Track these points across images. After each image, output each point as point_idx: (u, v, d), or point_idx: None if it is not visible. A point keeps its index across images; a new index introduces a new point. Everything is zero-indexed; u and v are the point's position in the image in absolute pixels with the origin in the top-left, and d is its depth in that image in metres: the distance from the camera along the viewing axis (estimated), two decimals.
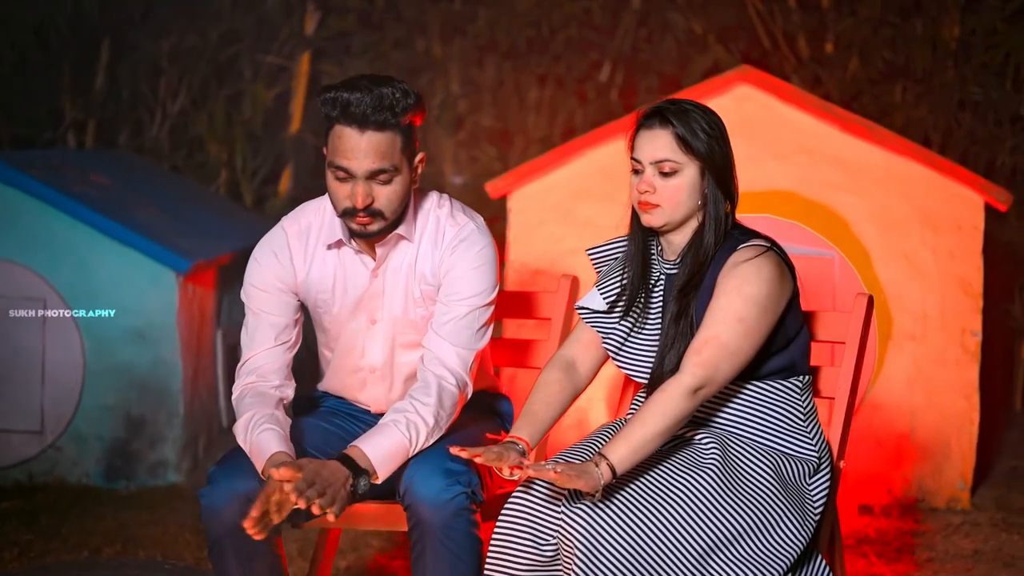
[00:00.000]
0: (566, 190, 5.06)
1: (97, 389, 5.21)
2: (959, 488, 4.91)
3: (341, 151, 2.93)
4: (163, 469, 5.23)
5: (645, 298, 3.02)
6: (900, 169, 4.87)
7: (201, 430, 5.39)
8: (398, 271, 3.11)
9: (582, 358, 3.11)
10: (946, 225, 4.86)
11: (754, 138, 4.91)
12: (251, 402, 3.05)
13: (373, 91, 2.91)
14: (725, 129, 2.97)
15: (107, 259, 5.16)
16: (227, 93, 6.57)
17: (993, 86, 6.40)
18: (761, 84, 4.93)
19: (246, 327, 3.15)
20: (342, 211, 2.98)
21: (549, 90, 6.59)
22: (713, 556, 2.74)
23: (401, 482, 2.96)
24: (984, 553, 4.47)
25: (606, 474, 2.74)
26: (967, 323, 4.87)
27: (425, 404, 3.00)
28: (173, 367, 5.21)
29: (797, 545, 2.81)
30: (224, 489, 2.96)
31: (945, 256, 4.88)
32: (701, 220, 2.96)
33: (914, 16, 6.55)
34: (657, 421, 2.78)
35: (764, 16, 6.67)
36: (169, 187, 6.18)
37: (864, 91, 6.45)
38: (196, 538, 4.56)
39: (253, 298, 3.13)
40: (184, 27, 6.57)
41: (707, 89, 4.94)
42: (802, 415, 2.95)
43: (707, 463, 2.82)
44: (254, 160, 6.49)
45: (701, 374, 2.81)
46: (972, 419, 4.90)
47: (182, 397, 5.22)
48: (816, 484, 2.91)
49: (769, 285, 2.85)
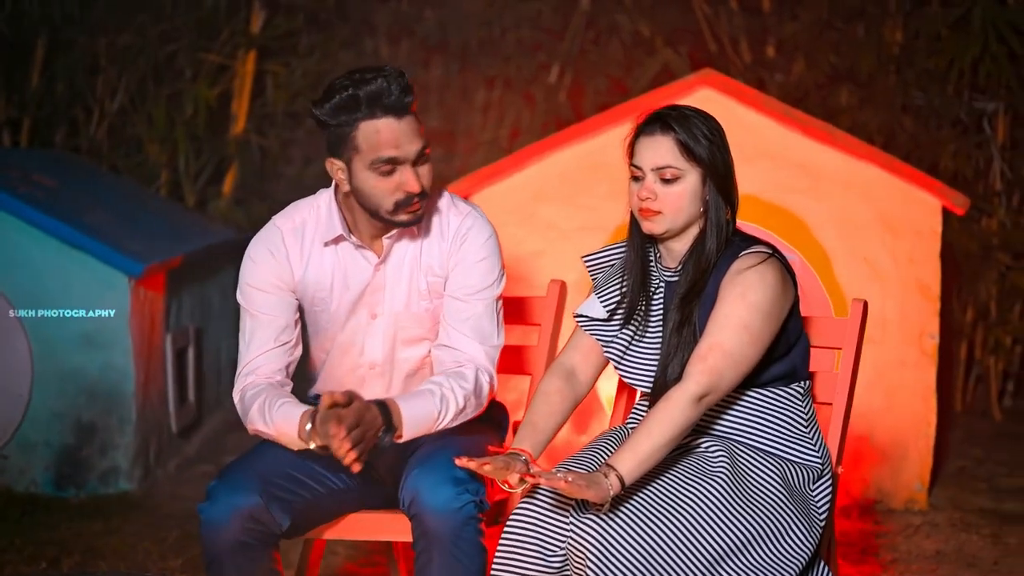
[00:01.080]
0: (527, 193, 5.04)
1: (46, 395, 5.08)
2: (916, 489, 4.97)
3: (384, 143, 2.90)
4: (114, 476, 5.12)
5: (645, 306, 3.00)
6: (860, 173, 4.91)
7: (152, 436, 5.28)
8: (401, 263, 3.07)
9: (582, 366, 3.08)
10: (905, 229, 4.91)
11: None
12: (256, 392, 2.99)
13: (387, 77, 2.89)
14: (725, 135, 2.95)
15: (56, 262, 5.03)
16: (168, 92, 6.45)
17: (935, 91, 6.48)
18: (723, 88, 4.94)
19: (243, 330, 3.07)
20: (393, 205, 2.95)
21: (497, 92, 6.56)
22: (723, 564, 2.73)
23: (404, 491, 2.91)
24: (946, 554, 4.52)
25: (615, 485, 2.72)
26: (925, 326, 4.92)
27: (461, 387, 3.00)
28: (125, 372, 5.09)
29: (805, 552, 2.81)
30: (225, 505, 2.89)
31: (904, 260, 4.92)
32: (702, 227, 2.94)
33: (857, 20, 6.62)
34: (664, 431, 2.77)
35: (711, 19, 6.69)
36: (112, 188, 6.05)
37: (810, 94, 6.49)
38: (157, 547, 4.47)
39: (250, 298, 3.05)
40: (123, 24, 6.43)
41: (669, 93, 4.94)
42: (804, 421, 2.95)
43: (716, 471, 2.81)
44: (196, 161, 6.37)
45: (706, 382, 2.79)
46: (929, 421, 4.96)
47: (134, 402, 5.11)
48: (819, 490, 2.92)
49: (772, 292, 2.85)
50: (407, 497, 2.90)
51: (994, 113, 6.49)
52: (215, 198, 6.40)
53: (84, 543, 4.51)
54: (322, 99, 2.95)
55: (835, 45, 6.55)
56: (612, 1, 6.60)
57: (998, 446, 5.98)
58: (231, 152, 6.32)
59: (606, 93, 6.55)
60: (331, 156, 2.99)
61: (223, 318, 6.18)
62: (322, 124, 2.96)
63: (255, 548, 2.89)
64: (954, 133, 6.48)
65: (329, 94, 2.93)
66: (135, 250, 5.13)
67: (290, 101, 6.34)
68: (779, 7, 6.75)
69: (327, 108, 2.92)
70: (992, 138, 6.48)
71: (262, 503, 2.89)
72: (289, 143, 6.47)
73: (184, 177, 6.43)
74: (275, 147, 6.39)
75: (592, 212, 4.99)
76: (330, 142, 2.98)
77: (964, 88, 6.50)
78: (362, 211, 3.01)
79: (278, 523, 2.91)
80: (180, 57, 6.43)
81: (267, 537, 2.91)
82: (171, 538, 4.57)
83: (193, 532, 4.63)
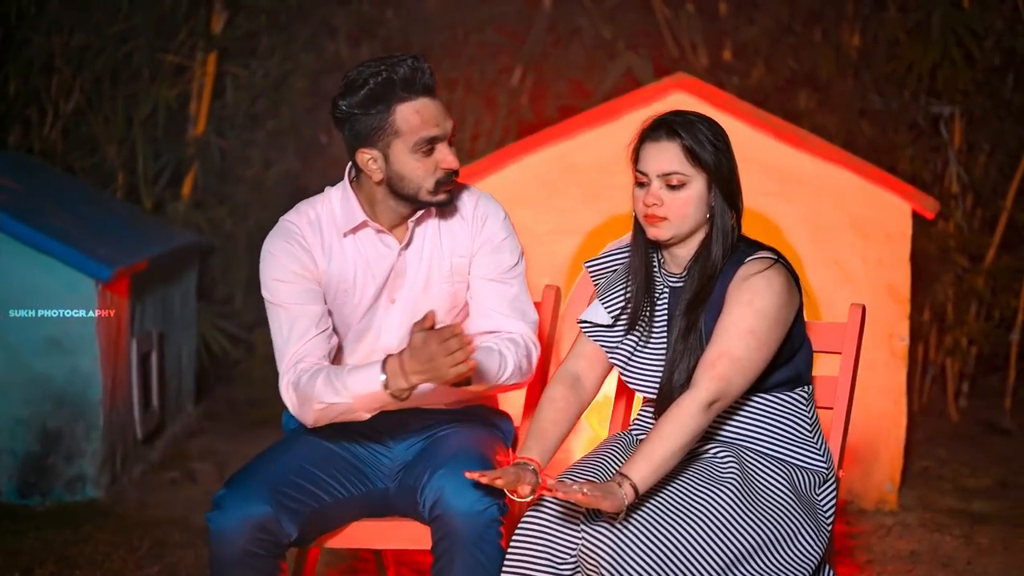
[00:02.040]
0: (501, 196, 4.91)
1: (10, 402, 4.99)
2: (887, 490, 5.02)
3: (423, 122, 2.92)
4: (81, 484, 5.04)
5: (649, 311, 3.00)
6: (831, 177, 4.95)
7: (119, 443, 5.21)
8: (422, 247, 3.08)
9: (587, 373, 3.07)
10: (875, 232, 4.95)
11: None
12: (313, 372, 2.94)
13: (414, 60, 2.93)
14: (729, 141, 2.96)
15: (22, 267, 4.94)
16: (125, 93, 6.36)
17: (892, 95, 6.55)
18: (696, 91, 4.95)
19: (278, 327, 3.00)
20: (434, 185, 2.97)
21: (459, 94, 6.53)
22: (735, 570, 2.74)
23: (427, 493, 2.89)
24: (921, 554, 4.57)
25: (629, 495, 2.71)
26: (895, 328, 4.97)
27: (515, 350, 3.04)
28: (92, 378, 5.02)
29: (814, 556, 2.83)
30: (234, 514, 2.84)
31: (874, 263, 4.97)
32: (707, 232, 2.94)
33: (815, 24, 6.67)
34: (676, 438, 2.77)
35: (671, 22, 6.71)
36: (71, 190, 5.95)
37: (769, 98, 6.54)
38: (132, 556, 4.41)
39: (279, 293, 3.00)
40: (78, 23, 6.33)
41: (641, 97, 4.95)
42: (808, 425, 2.97)
43: (726, 478, 2.81)
44: (155, 163, 6.29)
45: (715, 388, 2.80)
46: (900, 423, 5.02)
47: (102, 409, 5.03)
48: (824, 494, 2.93)
49: (779, 298, 2.86)
50: (430, 498, 2.88)
51: (950, 117, 6.57)
52: (174, 201, 6.32)
53: (55, 552, 4.44)
54: (348, 92, 2.94)
55: (794, 49, 6.60)
56: (574, 4, 6.60)
57: (958, 446, 6.05)
58: (191, 154, 6.24)
59: (568, 96, 6.55)
60: (362, 147, 2.97)
61: (185, 323, 6.12)
62: (347, 118, 2.95)
63: (263, 558, 2.86)
64: (911, 137, 6.55)
65: (357, 84, 2.92)
66: (103, 254, 5.05)
67: (251, 103, 6.27)
68: (737, 11, 6.79)
69: (359, 98, 2.92)
70: (948, 142, 6.56)
71: (272, 513, 2.85)
72: (249, 145, 6.41)
73: (142, 179, 6.34)
74: (236, 149, 6.32)
75: (565, 215, 4.99)
76: (360, 133, 2.96)
77: (921, 92, 6.57)
78: (388, 197, 3.01)
79: (287, 533, 2.88)
80: (137, 57, 6.34)
81: (275, 547, 2.87)
82: (145, 546, 4.50)
83: (167, 540, 4.58)
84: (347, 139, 3.01)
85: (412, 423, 3.13)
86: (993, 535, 4.76)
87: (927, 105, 6.52)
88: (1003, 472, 5.65)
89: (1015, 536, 4.76)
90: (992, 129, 6.59)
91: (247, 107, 6.26)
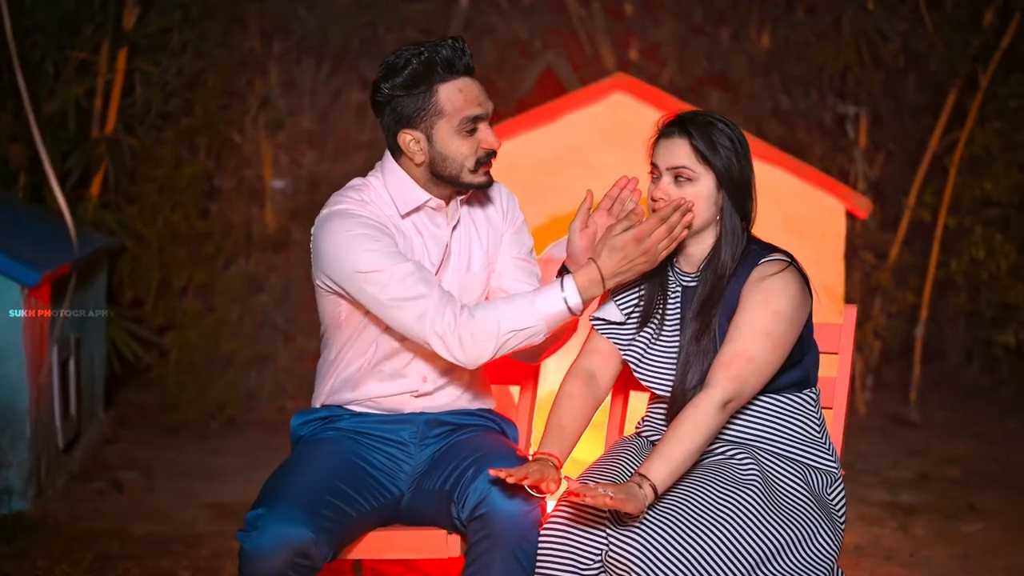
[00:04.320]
0: None
1: None
2: None
3: (467, 102, 2.92)
4: (7, 497, 4.85)
5: (662, 310, 3.00)
6: (767, 177, 4.99)
7: (43, 453, 5.02)
8: (469, 227, 3.09)
9: (601, 370, 3.07)
10: (811, 231, 5.04)
11: (628, 145, 4.93)
12: (487, 305, 2.91)
13: (454, 40, 2.91)
14: (748, 147, 2.98)
15: None
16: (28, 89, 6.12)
17: (799, 96, 6.68)
18: (636, 92, 4.98)
19: (402, 286, 2.86)
20: (475, 164, 2.97)
21: None
22: (759, 570, 2.75)
23: (470, 494, 2.85)
24: (864, 548, 4.66)
25: (649, 496, 2.72)
26: None
27: None
28: (19, 386, 4.84)
29: (832, 555, 2.86)
30: (273, 536, 2.73)
31: (810, 262, 4.95)
32: (717, 233, 2.96)
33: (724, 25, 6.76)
34: (694, 438, 2.78)
35: (585, 22, 6.73)
36: None
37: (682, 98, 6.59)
38: (74, 570, 4.27)
39: (380, 260, 2.87)
40: None
41: (583, 97, 4.97)
42: (817, 426, 3.00)
43: (748, 480, 2.82)
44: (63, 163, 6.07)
45: (732, 388, 2.82)
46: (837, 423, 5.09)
47: (28, 418, 4.85)
48: (835, 494, 2.96)
49: (794, 300, 2.89)
50: (472, 498, 2.84)
51: (856, 117, 6.72)
52: (82, 201, 6.11)
53: None
54: (390, 74, 2.90)
55: (705, 50, 6.67)
56: (489, 3, 6.57)
57: (873, 439, 6.20)
58: (100, 153, 6.04)
59: None
60: (405, 128, 2.93)
61: (96, 327, 5.93)
62: (388, 100, 2.91)
63: None
64: (819, 137, 6.68)
65: (399, 66, 2.89)
66: (28, 258, 4.87)
67: (164, 100, 6.10)
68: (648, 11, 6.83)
69: (402, 79, 2.88)
70: (854, 142, 6.71)
71: (312, 537, 2.76)
72: (159, 144, 6.23)
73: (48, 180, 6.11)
74: (146, 148, 6.14)
75: None
76: (402, 115, 2.92)
77: (828, 93, 6.71)
78: (428, 179, 2.98)
79: (323, 556, 2.80)
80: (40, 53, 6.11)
81: (310, 571, 2.78)
82: (87, 560, 4.36)
83: (108, 552, 4.45)
84: (387, 122, 2.96)
85: (431, 428, 3.09)
86: (928, 527, 4.88)
87: (834, 106, 6.66)
88: (920, 464, 5.81)
89: (949, 527, 4.90)
90: (895, 129, 6.77)
91: (160, 105, 6.08)
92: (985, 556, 4.58)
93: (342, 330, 3.05)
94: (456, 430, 3.09)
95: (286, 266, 6.50)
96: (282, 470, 2.95)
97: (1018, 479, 5.66)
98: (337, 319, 3.04)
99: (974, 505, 5.19)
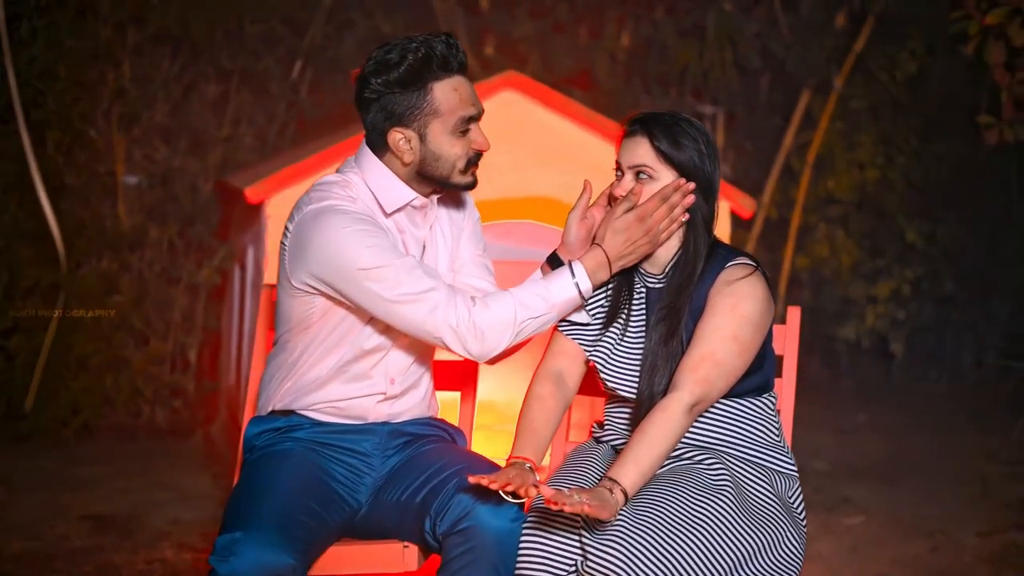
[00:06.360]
0: None
1: None
2: None
3: (463, 102, 2.84)
4: None
5: (627, 311, 2.97)
6: None
7: None
8: (441, 226, 3.02)
9: (569, 371, 3.02)
10: None
11: (517, 144, 4.91)
12: (497, 294, 2.85)
13: (447, 37, 2.83)
14: (714, 148, 2.97)
15: None
16: None
17: (658, 94, 6.73)
18: (525, 90, 4.93)
19: (408, 279, 2.76)
20: (465, 165, 2.88)
21: (234, 86, 6.26)
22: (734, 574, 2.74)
23: (451, 508, 2.77)
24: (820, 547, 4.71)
25: (620, 500, 2.70)
26: None
27: None
28: None
29: (799, 557, 2.87)
30: (250, 562, 2.59)
31: None
32: (683, 234, 2.94)
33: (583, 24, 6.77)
34: (663, 441, 2.76)
35: (447, 17, 6.66)
36: None
37: None
38: None
39: (381, 254, 2.76)
40: None
41: None
42: (776, 430, 3.00)
43: (720, 486, 2.81)
44: None
45: (699, 391, 2.80)
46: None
47: None
48: (795, 497, 2.97)
49: (762, 305, 2.88)
50: (455, 513, 2.75)
51: (714, 117, 6.82)
52: None
53: None
54: (383, 69, 2.78)
55: (568, 48, 6.67)
56: None
57: None
58: None
59: (344, 91, 6.39)
60: (396, 127, 2.82)
61: None
62: (379, 97, 2.80)
63: None
64: None
65: (393, 62, 2.78)
66: None
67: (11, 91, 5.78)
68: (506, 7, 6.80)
69: (397, 75, 2.77)
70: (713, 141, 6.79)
71: (291, 563, 2.63)
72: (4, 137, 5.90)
73: None
74: None
75: None
76: (393, 113, 2.82)
77: (686, 93, 6.78)
78: (413, 178, 2.89)
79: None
80: None
81: None
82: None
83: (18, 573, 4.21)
84: (375, 119, 2.84)
85: (392, 440, 2.99)
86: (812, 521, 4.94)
87: (694, 105, 6.74)
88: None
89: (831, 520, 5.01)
90: (751, 128, 6.89)
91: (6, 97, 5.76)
92: (873, 548, 4.69)
93: (310, 331, 2.91)
94: (415, 441, 3.00)
95: (141, 265, 6.24)
96: (250, 489, 2.79)
97: (883, 471, 5.82)
98: (307, 320, 2.90)
99: (848, 498, 5.31)
